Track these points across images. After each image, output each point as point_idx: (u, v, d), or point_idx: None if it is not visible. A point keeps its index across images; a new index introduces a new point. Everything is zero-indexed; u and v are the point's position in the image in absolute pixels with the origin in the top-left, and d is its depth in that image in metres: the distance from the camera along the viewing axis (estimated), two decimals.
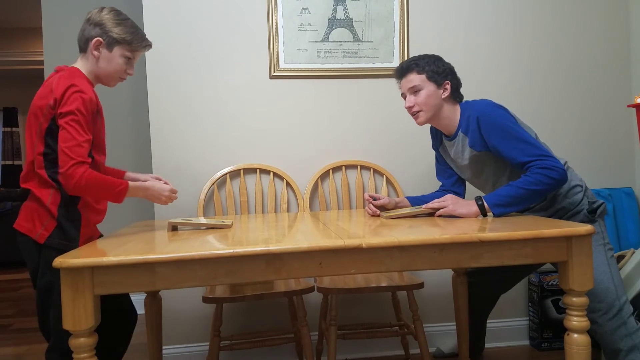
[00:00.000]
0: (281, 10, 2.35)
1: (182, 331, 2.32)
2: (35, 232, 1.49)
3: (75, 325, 1.18)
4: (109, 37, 1.58)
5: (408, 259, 1.31)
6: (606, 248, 1.77)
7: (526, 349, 2.46)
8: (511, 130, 1.69)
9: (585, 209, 1.78)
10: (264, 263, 1.26)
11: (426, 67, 1.81)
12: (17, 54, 5.61)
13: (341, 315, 2.42)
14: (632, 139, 2.60)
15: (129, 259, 1.18)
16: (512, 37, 2.50)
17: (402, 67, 1.86)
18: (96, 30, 1.58)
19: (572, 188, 1.80)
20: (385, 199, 1.92)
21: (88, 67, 1.61)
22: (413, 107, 1.83)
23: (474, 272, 2.11)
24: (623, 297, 1.73)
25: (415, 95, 1.83)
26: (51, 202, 1.49)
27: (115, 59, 1.60)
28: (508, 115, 1.75)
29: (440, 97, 1.82)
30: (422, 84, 1.81)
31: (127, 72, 1.66)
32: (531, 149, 1.67)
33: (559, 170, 1.62)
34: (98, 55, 1.59)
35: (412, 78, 1.83)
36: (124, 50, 1.61)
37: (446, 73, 1.82)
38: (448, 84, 1.82)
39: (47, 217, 1.50)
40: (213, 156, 2.34)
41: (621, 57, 2.59)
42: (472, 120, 1.76)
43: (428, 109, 1.82)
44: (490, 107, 1.75)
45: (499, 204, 1.65)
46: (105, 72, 1.62)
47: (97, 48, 1.58)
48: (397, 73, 1.89)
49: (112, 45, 1.59)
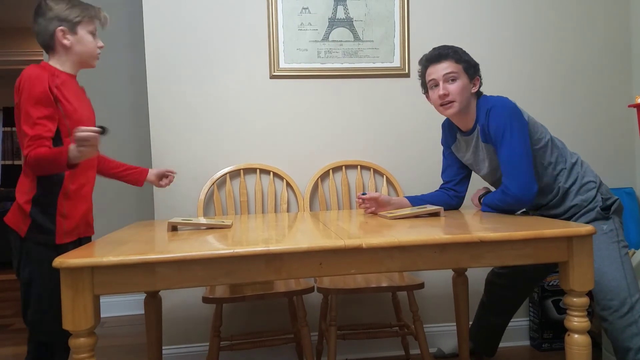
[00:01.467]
0: (281, 9, 2.34)
1: (182, 331, 2.31)
2: (18, 227, 1.55)
3: (75, 325, 1.18)
4: (68, 23, 1.60)
5: (408, 259, 1.31)
6: (620, 245, 1.74)
7: (527, 349, 2.45)
8: (508, 137, 1.70)
9: (599, 206, 1.76)
10: (264, 263, 1.25)
11: (464, 57, 1.78)
12: (17, 53, 5.61)
13: (341, 315, 2.42)
14: (632, 139, 2.60)
15: (129, 259, 1.18)
16: (512, 37, 2.50)
17: (439, 52, 1.78)
18: (54, 22, 1.59)
19: (585, 184, 1.79)
20: (375, 193, 1.89)
21: (62, 59, 1.63)
22: (448, 95, 1.76)
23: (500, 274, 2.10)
24: (635, 296, 1.70)
25: (450, 84, 1.77)
26: (25, 200, 1.55)
27: (84, 38, 1.64)
28: (517, 119, 1.72)
29: (470, 91, 1.79)
30: (459, 74, 1.77)
31: (99, 46, 1.69)
32: (510, 165, 1.71)
33: (515, 196, 1.70)
34: (69, 43, 1.61)
35: (448, 65, 1.77)
36: (85, 26, 1.64)
37: (477, 68, 1.81)
38: (478, 79, 1.81)
39: (24, 213, 1.55)
40: (213, 156, 2.34)
41: (622, 57, 2.58)
42: (484, 113, 1.77)
43: (461, 100, 1.77)
44: (503, 106, 1.74)
45: (488, 204, 1.80)
46: (84, 54, 1.65)
47: (64, 37, 1.61)
48: (431, 58, 1.80)
49: (75, 27, 1.62)
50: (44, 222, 1.56)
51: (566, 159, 1.82)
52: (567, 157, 1.82)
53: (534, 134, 1.79)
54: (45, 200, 1.56)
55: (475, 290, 2.45)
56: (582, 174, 1.81)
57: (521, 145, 1.71)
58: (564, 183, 1.79)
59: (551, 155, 1.80)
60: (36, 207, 1.55)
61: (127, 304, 3.30)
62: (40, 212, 1.55)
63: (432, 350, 2.43)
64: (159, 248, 1.27)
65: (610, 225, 1.75)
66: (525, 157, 1.71)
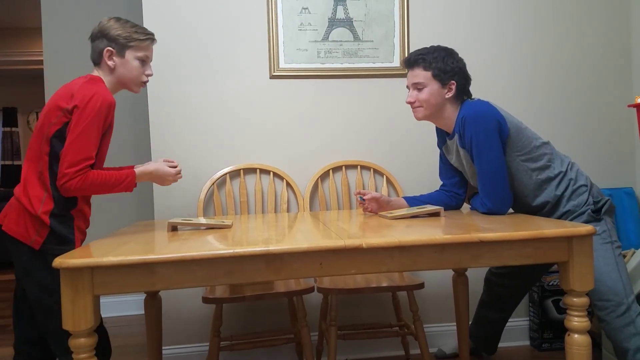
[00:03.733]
0: (281, 9, 2.34)
1: (182, 331, 2.31)
2: (29, 239, 1.49)
3: (75, 326, 1.18)
4: (117, 44, 1.61)
5: (408, 259, 1.31)
6: (614, 246, 1.74)
7: (527, 349, 2.45)
8: (482, 150, 1.73)
9: (590, 209, 1.76)
10: (264, 263, 1.25)
11: (433, 64, 1.78)
12: (17, 54, 5.61)
13: (341, 315, 2.42)
14: (632, 139, 2.60)
15: (129, 259, 1.18)
16: (512, 37, 2.50)
17: (410, 59, 1.83)
18: (103, 41, 1.61)
19: (577, 189, 1.78)
20: (375, 193, 1.90)
21: (107, 78, 1.64)
22: (414, 102, 1.82)
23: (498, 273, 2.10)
24: (631, 296, 1.71)
25: (418, 91, 1.81)
26: (44, 211, 1.49)
27: (129, 63, 1.64)
28: (490, 132, 1.72)
29: (443, 96, 1.80)
30: (426, 82, 1.79)
31: (146, 74, 1.69)
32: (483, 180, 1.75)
33: (489, 209, 1.76)
34: (114, 65, 1.62)
35: (417, 73, 1.80)
36: (135, 52, 1.63)
37: (454, 72, 1.79)
38: (454, 84, 1.79)
39: (39, 223, 1.49)
40: (213, 156, 2.34)
41: (622, 56, 2.58)
42: (460, 120, 1.78)
43: (428, 106, 1.81)
44: (477, 116, 1.73)
45: (474, 207, 1.87)
46: (125, 78, 1.65)
47: (110, 57, 1.61)
48: (405, 64, 1.86)
49: (123, 50, 1.62)
50: (63, 233, 1.52)
51: (557, 165, 1.80)
52: (557, 164, 1.81)
53: (517, 142, 1.76)
54: (63, 211, 1.53)
55: (475, 290, 2.45)
56: (575, 180, 1.80)
57: (493, 159, 1.72)
58: (556, 190, 1.78)
59: (540, 162, 1.79)
60: (55, 218, 1.51)
61: (127, 304, 3.30)
62: (59, 223, 1.52)
63: (432, 350, 2.43)
64: (158, 248, 1.27)
65: (602, 227, 1.75)
66: (498, 171, 1.73)
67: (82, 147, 1.47)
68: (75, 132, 1.47)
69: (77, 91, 1.50)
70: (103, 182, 1.51)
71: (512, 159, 1.78)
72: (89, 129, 1.48)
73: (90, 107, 1.48)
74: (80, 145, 1.47)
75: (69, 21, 3.18)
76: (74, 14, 3.19)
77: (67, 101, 1.49)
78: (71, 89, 1.52)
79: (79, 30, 3.16)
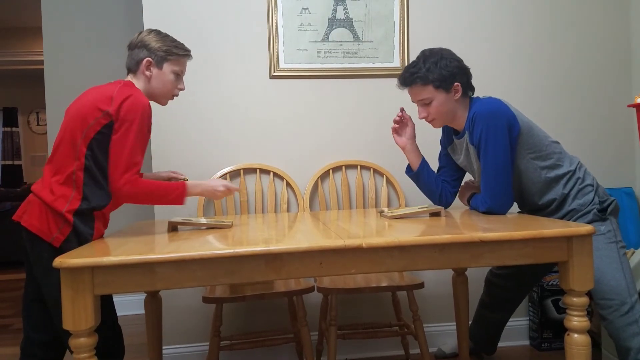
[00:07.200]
0: (281, 10, 2.35)
1: (182, 331, 2.32)
2: (50, 235, 1.49)
3: (75, 326, 1.18)
4: (157, 56, 1.64)
5: (408, 259, 1.31)
6: (618, 246, 1.75)
7: (526, 349, 2.46)
8: (488, 146, 1.72)
9: (596, 209, 1.76)
10: (264, 263, 1.26)
11: (430, 77, 1.74)
12: (17, 54, 5.61)
13: (341, 315, 2.42)
14: (632, 139, 2.60)
15: (129, 259, 1.18)
16: (512, 37, 2.50)
17: (405, 78, 1.79)
18: (143, 52, 1.64)
19: (583, 188, 1.79)
20: (411, 129, 1.96)
21: (140, 86, 1.66)
22: (427, 117, 1.81)
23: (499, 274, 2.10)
24: (635, 296, 1.71)
25: (427, 106, 1.79)
26: (68, 209, 1.49)
27: (166, 76, 1.67)
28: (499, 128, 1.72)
29: (452, 100, 1.78)
30: (431, 95, 1.76)
31: (179, 88, 1.72)
32: (487, 177, 1.74)
33: (489, 208, 1.75)
34: (150, 75, 1.65)
35: (417, 91, 1.78)
36: (172, 65, 1.67)
37: (453, 74, 1.75)
38: (458, 85, 1.77)
39: (62, 221, 1.49)
40: (213, 156, 2.34)
41: (621, 57, 2.58)
42: (471, 118, 1.77)
43: (442, 116, 1.80)
44: (486, 112, 1.72)
45: (473, 207, 1.87)
46: (159, 91, 1.68)
47: (148, 68, 1.64)
48: (401, 84, 1.83)
49: (162, 63, 1.65)
50: (84, 232, 1.52)
51: (566, 164, 1.81)
52: (567, 163, 1.81)
53: (528, 140, 1.77)
54: (88, 211, 1.53)
55: (475, 290, 2.45)
56: (582, 179, 1.80)
57: (499, 157, 1.72)
58: (563, 189, 1.79)
59: (550, 160, 1.79)
60: (78, 217, 1.51)
61: (127, 303, 3.30)
62: (81, 222, 1.52)
63: (432, 350, 2.43)
64: (159, 248, 1.28)
65: (607, 226, 1.76)
66: (502, 170, 1.72)
67: (134, 152, 1.50)
68: (128, 136, 1.50)
69: (117, 94, 1.51)
70: (152, 191, 1.54)
71: (522, 156, 1.78)
72: (139, 133, 1.52)
73: (139, 111, 1.51)
74: (132, 150, 1.50)
75: (70, 21, 3.18)
76: (75, 14, 3.19)
77: (107, 103, 1.50)
78: (109, 92, 1.53)
79: (79, 30, 3.16)
